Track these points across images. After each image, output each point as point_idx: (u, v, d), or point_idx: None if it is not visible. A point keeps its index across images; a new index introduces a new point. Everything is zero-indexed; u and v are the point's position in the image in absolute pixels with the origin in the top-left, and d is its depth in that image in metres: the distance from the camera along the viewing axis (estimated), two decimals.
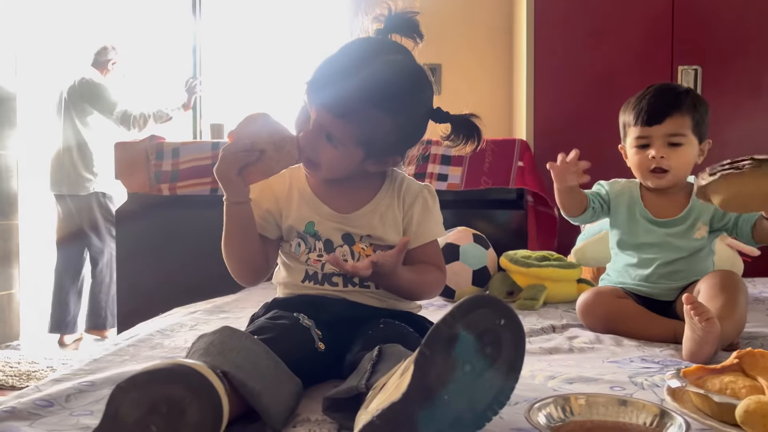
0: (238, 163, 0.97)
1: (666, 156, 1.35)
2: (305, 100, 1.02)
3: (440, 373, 0.64)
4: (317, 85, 1.01)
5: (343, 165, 1.05)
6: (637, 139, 1.38)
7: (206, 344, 0.81)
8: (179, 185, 2.56)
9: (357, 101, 0.99)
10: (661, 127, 1.36)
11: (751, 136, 2.87)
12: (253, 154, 0.97)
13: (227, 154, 0.97)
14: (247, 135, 0.98)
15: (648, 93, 1.39)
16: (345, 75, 1.00)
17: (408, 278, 1.05)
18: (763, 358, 0.85)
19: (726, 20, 2.89)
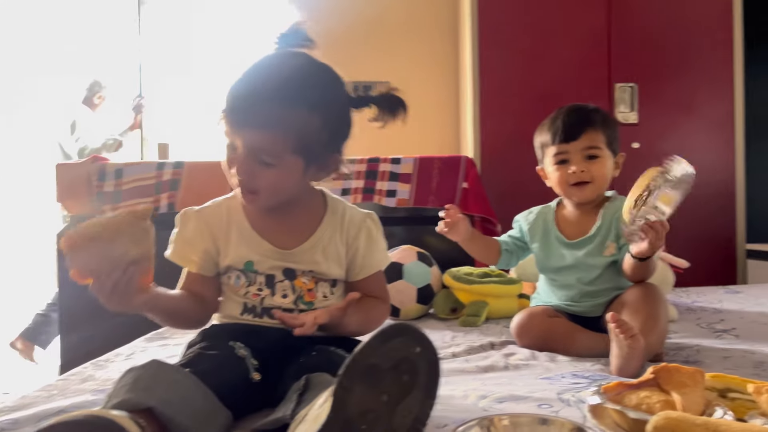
0: (118, 293, 0.89)
1: (586, 169, 1.41)
2: (227, 132, 1.00)
3: (358, 403, 0.65)
4: (233, 109, 0.98)
5: (287, 183, 1.03)
6: (556, 156, 1.43)
7: (133, 379, 0.80)
8: (121, 206, 2.51)
9: (277, 108, 0.96)
10: (577, 142, 1.41)
11: (685, 150, 2.99)
12: (113, 275, 0.88)
13: (103, 297, 0.88)
14: (92, 263, 0.87)
15: (561, 113, 1.45)
16: (257, 88, 0.98)
17: (355, 322, 1.06)
18: (678, 372, 0.89)
19: (660, 40, 3.02)
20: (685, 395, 0.84)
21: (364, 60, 3.39)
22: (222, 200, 1.14)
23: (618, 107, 3.00)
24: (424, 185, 2.58)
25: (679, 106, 3.02)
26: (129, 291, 0.90)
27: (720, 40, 3.02)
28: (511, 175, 2.93)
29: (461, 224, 1.43)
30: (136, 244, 0.90)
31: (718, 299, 2.00)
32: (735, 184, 2.99)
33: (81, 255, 0.87)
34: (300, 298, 1.08)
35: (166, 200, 2.52)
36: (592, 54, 3.02)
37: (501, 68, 3.01)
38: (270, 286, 1.07)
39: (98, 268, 0.87)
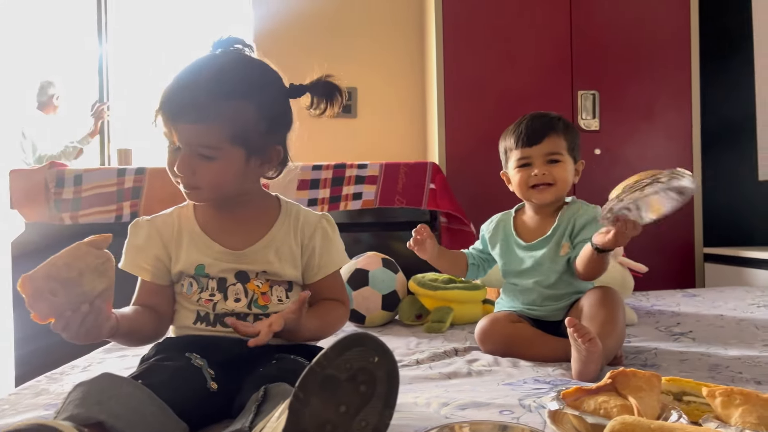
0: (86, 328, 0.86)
1: (547, 172, 1.44)
2: (164, 131, 0.99)
3: (315, 415, 0.64)
4: (166, 105, 0.97)
5: (228, 176, 1.02)
6: (519, 160, 1.46)
7: (83, 394, 0.77)
8: (81, 214, 2.45)
9: (211, 99, 0.96)
10: (540, 146, 1.44)
11: (646, 155, 3.07)
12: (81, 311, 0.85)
13: (70, 334, 0.86)
14: (57, 304, 0.83)
15: (525, 119, 1.48)
16: (189, 83, 0.98)
17: (313, 326, 1.05)
18: (635, 377, 0.90)
19: (621, 48, 3.09)
20: (641, 399, 0.86)
21: (330, 66, 3.37)
22: (174, 209, 1.14)
23: (580, 114, 3.06)
24: (390, 186, 2.58)
25: (639, 113, 3.08)
26: (97, 324, 0.88)
27: (678, 50, 3.10)
28: (476, 180, 2.95)
29: (428, 243, 1.47)
30: (100, 276, 0.87)
31: (676, 302, 2.05)
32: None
33: (44, 297, 0.82)
34: (254, 302, 1.07)
35: (128, 209, 2.47)
36: (555, 61, 3.07)
37: (466, 74, 3.04)
38: (222, 290, 1.06)
39: (64, 308, 0.83)
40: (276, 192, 1.19)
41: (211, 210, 1.10)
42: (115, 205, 2.49)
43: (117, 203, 2.49)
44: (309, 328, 1.04)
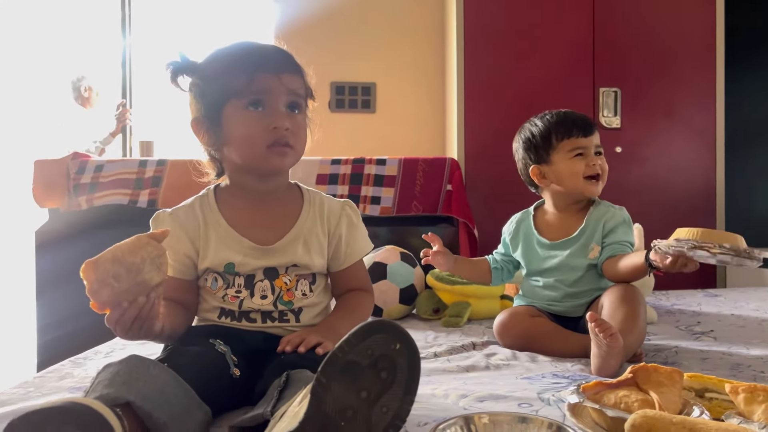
0: (140, 321, 0.88)
1: (601, 163, 1.44)
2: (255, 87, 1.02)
3: (336, 400, 0.65)
4: (268, 58, 1.04)
5: (305, 132, 1.09)
6: (575, 150, 1.43)
7: (111, 374, 0.79)
8: (96, 196, 2.48)
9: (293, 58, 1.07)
10: (593, 137, 1.45)
11: (666, 153, 3.04)
12: (139, 302, 0.87)
13: (123, 326, 0.87)
14: (118, 291, 0.84)
15: (562, 112, 1.47)
16: (274, 47, 1.07)
17: (347, 326, 1.06)
18: (656, 372, 0.89)
19: (643, 45, 3.05)
20: (662, 395, 0.85)
21: (349, 61, 3.38)
22: (194, 199, 1.12)
23: (602, 111, 3.03)
24: (407, 189, 2.58)
25: (661, 111, 3.05)
26: (151, 318, 0.89)
27: (703, 47, 3.06)
28: (495, 177, 2.94)
29: (440, 258, 1.51)
30: (157, 268, 0.88)
31: (697, 302, 2.02)
32: (715, 188, 3.03)
33: (108, 283, 0.83)
34: (279, 299, 1.08)
35: (146, 196, 2.50)
36: (576, 58, 3.05)
37: (486, 71, 3.02)
38: (249, 287, 1.06)
39: (123, 296, 0.84)
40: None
41: (237, 202, 1.10)
42: (131, 190, 2.51)
43: (134, 189, 2.51)
44: (345, 330, 1.05)
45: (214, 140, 1.06)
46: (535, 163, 1.49)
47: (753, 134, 3.15)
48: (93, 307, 0.85)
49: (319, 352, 0.94)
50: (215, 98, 1.03)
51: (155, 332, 0.92)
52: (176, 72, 1.05)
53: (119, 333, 0.88)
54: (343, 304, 1.12)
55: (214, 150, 1.08)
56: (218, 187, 1.14)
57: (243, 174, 1.09)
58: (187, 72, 1.06)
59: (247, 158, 1.04)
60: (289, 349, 0.95)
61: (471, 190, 2.81)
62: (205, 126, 1.06)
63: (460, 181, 2.65)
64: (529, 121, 1.52)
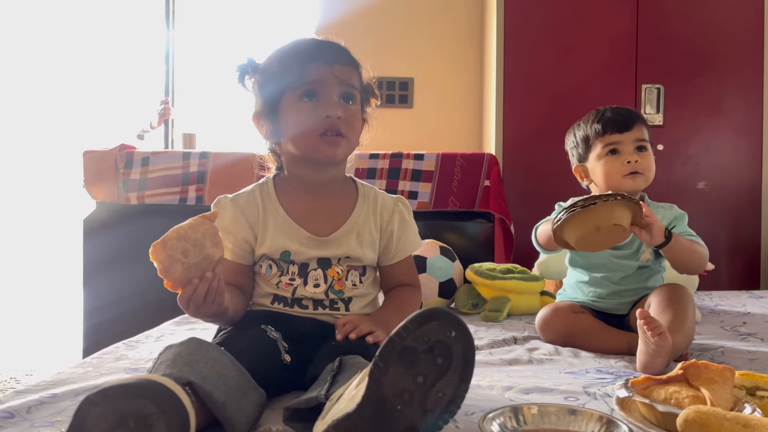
0: (211, 295, 0.92)
1: (640, 159, 1.41)
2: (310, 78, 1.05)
3: (393, 384, 0.67)
4: (322, 50, 1.07)
5: (358, 123, 1.12)
6: (607, 146, 1.42)
7: (173, 355, 0.82)
8: (147, 194, 2.56)
9: (344, 48, 1.10)
10: (630, 133, 1.42)
11: (710, 152, 2.98)
12: (207, 276, 0.91)
13: (196, 302, 0.91)
14: (188, 266, 0.89)
15: (604, 109, 1.46)
16: (328, 41, 1.10)
17: (397, 320, 1.09)
18: (706, 369, 0.89)
19: (687, 41, 2.99)
20: (713, 392, 0.85)
21: (388, 56, 3.40)
22: (254, 187, 1.16)
23: (644, 108, 2.98)
24: (445, 185, 2.59)
25: (705, 109, 2.99)
26: (220, 292, 0.93)
27: (749, 44, 2.98)
28: (533, 174, 2.92)
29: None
30: (216, 244, 0.92)
31: (742, 303, 1.99)
32: (761, 188, 2.96)
33: (177, 259, 0.88)
34: (331, 288, 1.10)
35: (194, 193, 2.56)
36: (618, 54, 3.00)
37: (526, 66, 3.00)
38: (302, 276, 1.09)
39: (194, 272, 0.89)
40: None
41: (295, 193, 1.13)
42: (179, 187, 2.58)
43: (182, 186, 2.59)
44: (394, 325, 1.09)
45: (273, 132, 1.09)
46: (578, 162, 1.50)
47: None
48: (167, 286, 0.90)
49: (369, 341, 0.96)
50: (273, 91, 1.07)
51: (224, 308, 0.96)
52: (243, 73, 1.11)
53: (192, 310, 0.92)
54: (392, 299, 1.15)
55: (273, 142, 1.12)
56: (277, 177, 1.17)
57: (300, 165, 1.11)
58: (252, 72, 1.11)
59: (302, 148, 1.07)
60: (340, 337, 0.97)
61: (508, 186, 2.80)
62: (264, 119, 1.10)
63: (498, 176, 2.64)
64: (578, 122, 1.51)
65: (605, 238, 1.21)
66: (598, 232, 1.18)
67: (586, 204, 1.16)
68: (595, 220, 1.17)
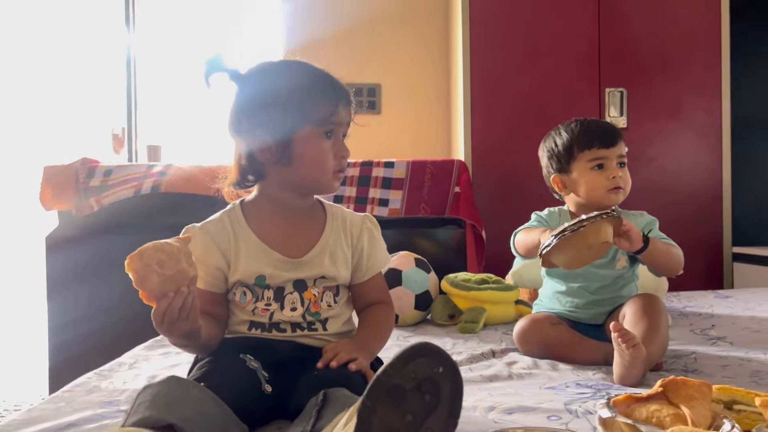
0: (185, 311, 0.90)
1: (623, 174, 1.44)
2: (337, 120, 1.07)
3: (382, 423, 0.66)
4: (345, 94, 1.09)
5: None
6: (593, 161, 1.44)
7: (152, 396, 0.80)
8: (104, 195, 2.48)
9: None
10: (615, 148, 1.44)
11: (673, 154, 3.05)
12: (181, 293, 0.89)
13: (170, 318, 0.89)
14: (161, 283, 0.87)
15: (586, 121, 1.48)
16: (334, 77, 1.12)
17: (379, 346, 1.13)
18: (685, 385, 0.90)
19: (648, 45, 3.06)
20: (693, 408, 0.86)
21: (355, 62, 3.38)
22: (222, 214, 1.14)
23: (608, 111, 3.03)
24: (415, 192, 2.59)
25: (667, 111, 3.06)
26: (195, 308, 0.91)
27: (707, 47, 3.06)
28: (502, 179, 2.95)
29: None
30: (190, 265, 0.91)
31: (709, 304, 2.04)
32: (722, 188, 3.04)
33: (153, 269, 0.86)
34: (307, 310, 1.09)
35: (150, 183, 2.48)
36: (582, 59, 3.05)
37: (492, 71, 3.03)
38: (278, 300, 1.08)
39: (169, 285, 0.88)
40: None
41: (265, 217, 1.12)
42: (136, 182, 2.51)
43: (139, 181, 2.51)
44: (376, 350, 1.11)
45: (279, 158, 1.06)
46: (556, 172, 1.50)
47: (759, 134, 3.16)
48: (142, 297, 0.88)
49: (351, 368, 0.95)
50: (291, 120, 1.06)
51: (197, 326, 0.94)
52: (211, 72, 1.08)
53: (166, 326, 0.90)
54: (367, 319, 1.15)
55: (271, 163, 1.08)
56: (243, 202, 1.15)
57: (286, 190, 1.11)
58: (234, 79, 1.09)
59: (314, 180, 1.10)
60: (321, 365, 0.96)
61: (478, 192, 2.81)
62: (270, 141, 1.07)
63: (468, 182, 2.66)
64: (555, 129, 1.52)
65: (594, 255, 1.26)
66: (588, 251, 1.23)
67: (576, 228, 1.19)
68: (585, 241, 1.21)
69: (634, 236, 1.28)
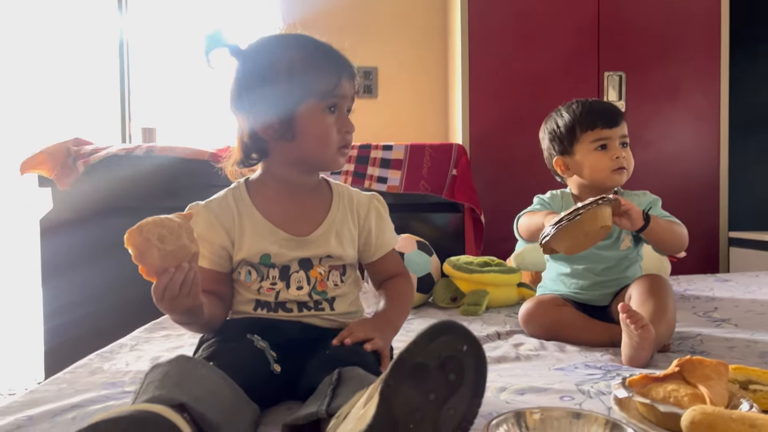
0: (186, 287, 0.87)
1: (626, 155, 1.43)
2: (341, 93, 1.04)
3: (405, 402, 0.64)
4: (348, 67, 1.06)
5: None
6: (597, 141, 1.42)
7: (161, 375, 0.78)
8: (92, 158, 2.43)
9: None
10: (618, 128, 1.43)
11: (671, 138, 3.04)
12: (182, 268, 0.86)
13: (171, 293, 0.86)
14: (162, 258, 0.85)
15: (588, 102, 1.46)
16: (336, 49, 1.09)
17: (402, 319, 1.12)
18: (701, 365, 0.89)
19: (648, 29, 3.04)
20: (710, 388, 0.85)
21: (352, 45, 3.32)
22: (226, 192, 1.12)
23: (606, 95, 3.02)
24: (414, 171, 2.57)
25: (666, 95, 3.04)
26: (196, 285, 0.89)
27: (707, 32, 3.05)
28: (499, 163, 2.93)
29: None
30: (192, 241, 0.89)
31: (709, 287, 2.04)
32: (719, 173, 3.04)
33: (153, 244, 0.84)
34: (314, 289, 1.08)
35: (144, 148, 2.43)
36: (582, 42, 3.03)
37: (491, 54, 3.00)
38: (284, 279, 1.06)
39: (170, 260, 0.85)
40: None
41: (270, 195, 1.10)
42: (128, 146, 2.47)
43: (129, 145, 2.47)
44: (400, 323, 1.10)
45: (283, 134, 1.04)
46: (559, 154, 1.48)
47: (757, 118, 3.16)
48: (142, 272, 0.85)
49: (367, 348, 0.94)
50: (290, 93, 1.02)
51: (199, 303, 0.91)
52: (211, 48, 1.05)
53: (167, 302, 0.87)
54: (388, 295, 1.14)
55: (274, 139, 1.05)
56: (248, 180, 1.12)
57: (290, 167, 1.08)
58: (234, 54, 1.05)
59: (318, 156, 1.06)
60: (336, 342, 0.95)
61: (476, 176, 2.79)
62: (274, 117, 1.03)
63: (466, 166, 2.64)
64: (556, 111, 1.50)
65: (593, 239, 1.25)
66: (586, 237, 1.22)
67: (572, 217, 1.19)
68: (583, 229, 1.21)
69: (634, 215, 1.27)
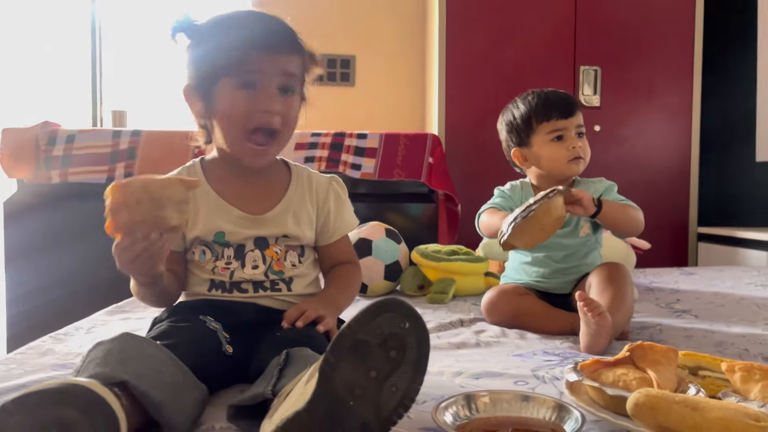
0: (147, 256, 0.86)
1: (582, 144, 1.44)
2: (248, 67, 0.98)
3: (345, 379, 0.64)
4: (267, 38, 0.99)
5: (295, 113, 1.05)
6: (552, 132, 1.43)
7: (104, 353, 0.76)
8: (71, 171, 2.40)
9: (294, 34, 1.03)
10: (574, 119, 1.44)
11: (644, 134, 3.07)
12: (151, 237, 0.85)
13: (128, 257, 0.85)
14: (135, 218, 0.83)
15: (543, 92, 1.46)
16: (276, 21, 1.02)
17: (346, 303, 1.11)
18: (652, 350, 0.90)
19: (624, 25, 3.06)
20: (659, 373, 0.86)
21: (329, 33, 3.31)
22: (180, 170, 1.11)
23: (582, 89, 3.03)
24: (389, 160, 2.56)
25: (640, 91, 3.07)
26: (159, 256, 0.87)
27: (681, 30, 3.07)
28: (475, 153, 2.93)
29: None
30: (179, 213, 0.87)
31: (674, 280, 2.06)
32: (690, 169, 3.08)
33: (129, 204, 0.82)
34: (270, 268, 1.06)
35: (122, 170, 2.43)
36: (558, 36, 3.04)
37: (467, 45, 2.99)
38: (239, 258, 1.05)
39: (139, 226, 0.83)
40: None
41: (225, 175, 1.09)
42: (107, 165, 2.44)
43: (110, 165, 2.44)
44: (344, 306, 1.09)
45: (205, 114, 1.03)
46: (516, 145, 1.49)
47: (729, 117, 3.20)
48: (107, 228, 0.84)
49: (319, 329, 0.93)
50: (208, 70, 1.00)
51: (159, 272, 0.90)
52: (176, 30, 1.02)
53: (124, 262, 0.86)
54: (336, 277, 1.13)
55: (205, 121, 1.05)
56: (203, 160, 1.11)
57: (224, 151, 1.07)
58: (187, 32, 1.02)
59: (229, 144, 1.03)
60: (286, 324, 0.93)
61: (452, 167, 2.80)
62: (197, 97, 1.03)
63: (441, 156, 2.64)
64: (513, 102, 1.51)
65: (550, 231, 1.25)
66: (542, 231, 1.23)
67: (526, 214, 1.19)
68: (539, 223, 1.21)
69: (585, 202, 1.27)
